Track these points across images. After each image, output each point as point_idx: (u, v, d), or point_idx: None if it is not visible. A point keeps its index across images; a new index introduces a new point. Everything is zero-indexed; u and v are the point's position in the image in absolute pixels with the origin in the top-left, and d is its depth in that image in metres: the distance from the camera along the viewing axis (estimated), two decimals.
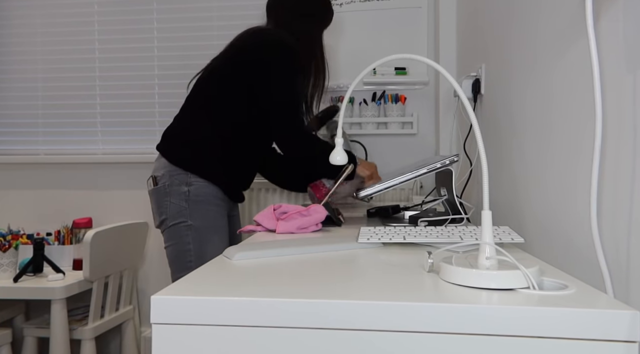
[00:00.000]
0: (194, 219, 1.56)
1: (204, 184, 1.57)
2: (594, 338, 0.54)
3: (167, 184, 1.57)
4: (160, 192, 1.58)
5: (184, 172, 1.57)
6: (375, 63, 0.84)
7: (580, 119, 0.83)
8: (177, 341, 0.60)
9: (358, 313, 0.57)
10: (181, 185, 1.56)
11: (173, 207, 1.56)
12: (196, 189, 1.56)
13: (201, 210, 1.57)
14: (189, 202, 1.56)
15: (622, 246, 0.69)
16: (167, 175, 1.57)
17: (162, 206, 1.58)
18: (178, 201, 1.56)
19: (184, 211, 1.56)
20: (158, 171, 1.60)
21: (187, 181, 1.56)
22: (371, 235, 0.94)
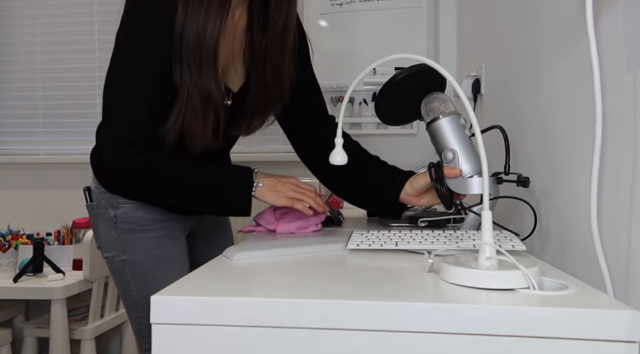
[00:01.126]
0: (127, 253, 1.18)
1: (132, 207, 1.17)
2: (594, 338, 0.54)
3: (95, 205, 1.22)
4: (91, 211, 1.24)
5: (108, 193, 1.19)
6: (375, 63, 0.84)
7: (580, 119, 0.83)
8: (177, 341, 0.60)
9: (358, 313, 0.57)
10: (107, 208, 1.18)
11: (103, 236, 1.21)
12: (124, 214, 1.17)
13: (133, 241, 1.18)
14: (117, 231, 1.18)
15: (622, 246, 0.69)
16: (95, 192, 1.22)
17: (95, 229, 1.24)
18: (106, 229, 1.20)
19: (113, 242, 1.19)
20: (92, 183, 1.25)
21: (112, 203, 1.18)
22: (362, 240, 0.91)
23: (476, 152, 1.02)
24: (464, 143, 1.03)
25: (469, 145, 1.03)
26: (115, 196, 1.18)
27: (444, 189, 1.01)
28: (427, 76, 1.08)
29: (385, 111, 1.18)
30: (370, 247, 0.87)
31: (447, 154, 1.02)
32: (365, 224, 1.36)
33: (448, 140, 1.04)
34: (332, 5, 2.35)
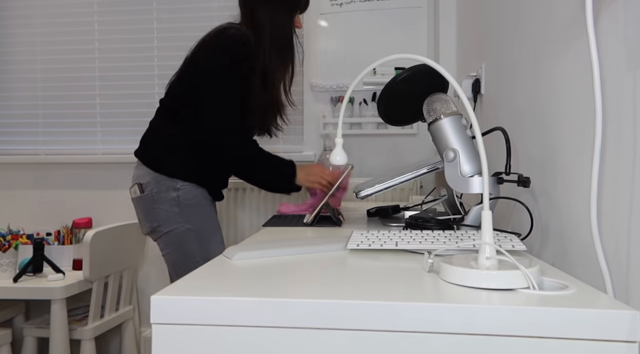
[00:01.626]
0: (191, 222, 1.57)
1: (191, 188, 1.58)
2: (594, 338, 0.54)
3: (154, 192, 1.56)
4: (147, 199, 1.57)
5: (169, 179, 1.56)
6: (375, 63, 0.84)
7: (580, 119, 0.83)
8: (177, 341, 0.60)
9: (358, 313, 0.57)
10: (169, 191, 1.56)
11: (164, 214, 1.56)
12: (185, 194, 1.57)
13: (196, 212, 1.58)
14: (180, 207, 1.56)
15: (622, 246, 0.69)
16: (154, 182, 1.57)
17: (151, 213, 1.57)
18: (168, 207, 1.56)
19: (177, 216, 1.56)
20: (142, 179, 1.59)
21: (174, 186, 1.56)
22: (362, 240, 0.91)
23: (477, 152, 1.02)
24: (465, 143, 1.03)
25: (470, 145, 1.03)
26: (175, 179, 1.56)
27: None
28: (429, 76, 1.09)
29: (386, 111, 1.18)
30: (370, 247, 0.87)
31: (448, 154, 1.02)
32: (365, 224, 1.36)
33: (449, 140, 1.04)
34: (332, 5, 2.35)
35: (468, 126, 1.07)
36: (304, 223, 1.32)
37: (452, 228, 1.03)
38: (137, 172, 1.62)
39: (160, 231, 1.58)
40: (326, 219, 1.35)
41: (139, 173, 1.61)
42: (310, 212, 1.34)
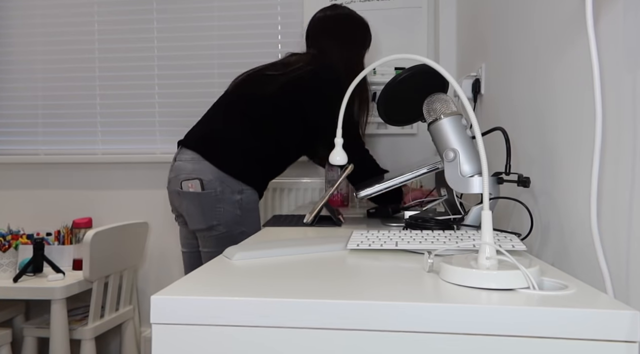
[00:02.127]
0: (246, 226, 1.63)
1: (251, 192, 1.64)
2: (594, 338, 0.54)
3: (218, 191, 1.59)
4: (210, 197, 1.59)
5: (235, 181, 1.60)
6: (375, 63, 0.84)
7: (580, 119, 0.83)
8: (177, 341, 0.60)
9: (358, 313, 0.57)
10: (234, 193, 1.60)
11: (227, 215, 1.60)
12: (247, 197, 1.63)
13: (252, 217, 1.65)
14: (242, 210, 1.62)
15: (622, 246, 0.69)
16: (218, 181, 1.58)
17: (212, 211, 1.59)
18: (232, 209, 1.60)
19: (238, 219, 1.61)
20: (204, 175, 1.59)
21: (239, 189, 1.61)
22: (362, 240, 0.91)
23: (477, 152, 1.02)
24: (465, 143, 1.03)
25: (470, 145, 1.03)
26: (240, 182, 1.61)
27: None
28: (429, 76, 1.09)
29: (386, 111, 1.18)
30: (370, 247, 0.87)
31: (448, 154, 1.02)
32: (365, 224, 1.36)
33: (449, 140, 1.04)
34: None
35: (468, 126, 1.07)
36: (304, 223, 1.32)
37: (452, 228, 1.03)
38: (194, 166, 1.60)
39: (218, 230, 1.61)
40: (326, 219, 1.35)
41: (200, 168, 1.60)
42: (310, 213, 1.34)
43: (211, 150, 1.61)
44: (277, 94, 1.64)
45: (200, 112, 1.79)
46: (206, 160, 1.59)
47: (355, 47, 1.81)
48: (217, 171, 1.59)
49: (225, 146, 1.62)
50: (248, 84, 1.70)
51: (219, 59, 2.45)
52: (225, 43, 2.45)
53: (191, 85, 2.47)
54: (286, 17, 2.41)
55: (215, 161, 1.59)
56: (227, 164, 1.60)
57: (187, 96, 2.47)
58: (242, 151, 1.62)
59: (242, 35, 2.43)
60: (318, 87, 1.64)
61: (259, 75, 1.70)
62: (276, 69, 1.70)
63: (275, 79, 1.66)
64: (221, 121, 1.67)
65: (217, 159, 1.60)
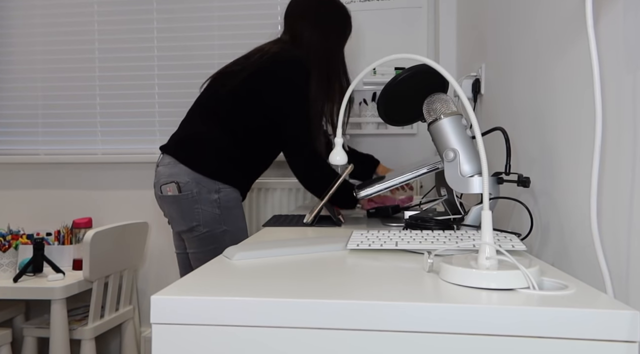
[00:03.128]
0: (228, 224, 1.64)
1: (230, 191, 1.65)
2: (594, 338, 0.54)
3: (195, 192, 1.60)
4: (188, 199, 1.61)
5: (211, 181, 1.61)
6: (375, 63, 0.84)
7: (580, 119, 0.83)
8: (177, 341, 0.60)
9: (358, 313, 0.57)
10: (211, 193, 1.61)
11: (206, 215, 1.61)
12: (225, 196, 1.63)
13: (233, 215, 1.65)
14: (221, 209, 1.62)
15: (622, 246, 0.69)
16: (194, 182, 1.60)
17: (191, 212, 1.61)
18: (210, 209, 1.61)
19: (217, 218, 1.62)
20: (180, 177, 1.61)
21: (216, 188, 1.62)
22: (362, 240, 0.91)
23: (477, 152, 1.02)
24: (465, 143, 1.03)
25: (470, 145, 1.03)
26: (216, 182, 1.61)
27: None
28: (429, 76, 1.09)
29: (386, 111, 1.18)
30: (370, 247, 0.87)
31: (448, 154, 1.02)
32: (365, 224, 1.36)
33: (449, 140, 1.04)
34: None
35: (468, 126, 1.07)
36: (304, 223, 1.32)
37: (452, 228, 1.03)
38: (171, 171, 1.63)
39: (199, 231, 1.63)
40: (326, 219, 1.35)
41: (175, 171, 1.62)
42: (310, 213, 1.34)
43: (185, 153, 1.64)
44: (237, 87, 1.65)
45: None
46: (181, 163, 1.62)
47: (333, 34, 1.76)
48: (192, 172, 1.61)
49: (197, 147, 1.65)
50: (215, 83, 1.73)
51: (219, 59, 2.45)
52: (225, 43, 2.45)
53: (191, 86, 2.47)
54: None
55: (189, 163, 1.62)
56: (201, 165, 1.62)
57: (187, 96, 2.47)
58: (215, 150, 1.64)
59: (242, 35, 2.43)
60: (274, 70, 1.62)
61: (224, 72, 1.72)
62: (238, 63, 1.71)
63: (235, 74, 1.68)
64: (192, 122, 1.71)
65: (190, 161, 1.62)
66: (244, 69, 1.67)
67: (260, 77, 1.64)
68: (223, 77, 1.72)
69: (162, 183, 1.64)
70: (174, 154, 1.65)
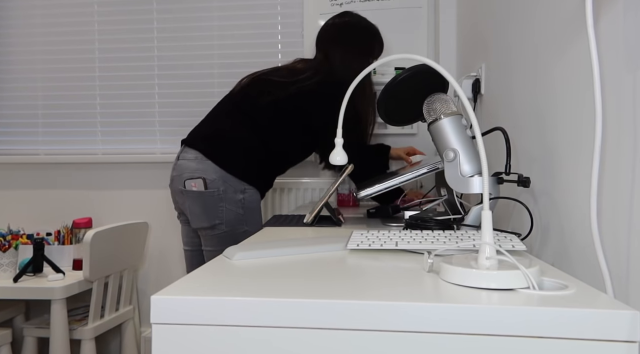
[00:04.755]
0: (249, 225, 1.67)
1: (254, 192, 1.69)
2: (594, 338, 0.54)
3: (221, 190, 1.62)
4: (213, 196, 1.62)
5: (238, 181, 1.64)
6: (375, 63, 0.84)
7: (580, 119, 0.83)
8: (177, 341, 0.60)
9: (358, 313, 0.57)
10: (237, 193, 1.64)
11: (229, 214, 1.64)
12: (250, 197, 1.67)
13: (254, 216, 1.70)
14: (245, 209, 1.66)
15: (622, 246, 0.69)
16: (220, 180, 1.62)
17: (215, 210, 1.63)
18: (235, 208, 1.64)
19: (240, 218, 1.65)
20: (207, 174, 1.62)
21: (242, 188, 1.65)
22: (362, 240, 0.91)
23: (477, 152, 1.02)
24: (465, 143, 1.03)
25: (470, 145, 1.03)
26: (243, 182, 1.65)
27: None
28: (429, 77, 1.09)
29: (386, 111, 1.18)
30: (370, 247, 0.87)
31: (448, 154, 1.02)
32: (365, 224, 1.36)
33: (449, 140, 1.04)
34: (332, 6, 2.35)
35: (468, 126, 1.07)
36: (304, 223, 1.32)
37: (452, 228, 1.03)
38: (197, 166, 1.63)
39: (220, 229, 1.65)
40: (326, 219, 1.35)
41: (203, 168, 1.63)
42: (310, 213, 1.34)
43: (214, 150, 1.64)
44: (284, 100, 1.68)
45: (200, 112, 1.79)
46: (209, 159, 1.62)
47: (360, 54, 1.82)
48: (220, 170, 1.62)
49: (228, 146, 1.66)
50: (254, 87, 1.74)
51: (219, 60, 2.45)
52: (225, 43, 2.45)
53: (191, 86, 2.47)
54: (286, 18, 2.41)
55: (218, 161, 1.62)
56: (230, 163, 1.63)
57: (187, 96, 2.47)
58: (245, 151, 1.65)
59: (242, 35, 2.43)
60: (322, 92, 1.67)
61: (266, 80, 1.74)
62: (282, 75, 1.73)
63: (283, 87, 1.70)
64: (225, 121, 1.70)
65: (220, 158, 1.63)
66: (292, 84, 1.70)
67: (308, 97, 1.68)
68: (264, 84, 1.73)
69: (187, 177, 1.63)
70: (201, 149, 1.65)
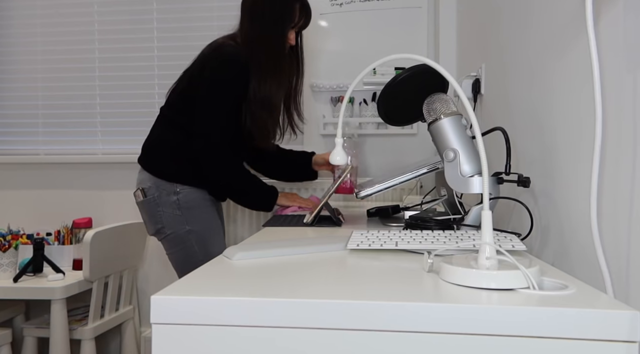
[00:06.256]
0: (191, 224, 1.67)
1: (190, 190, 1.68)
2: (594, 338, 0.54)
3: (156, 196, 1.67)
4: (151, 203, 1.68)
5: (168, 183, 1.67)
6: (375, 63, 0.84)
7: (581, 119, 0.83)
8: (177, 341, 0.60)
9: (358, 313, 0.57)
10: (170, 195, 1.66)
11: (167, 216, 1.67)
12: (185, 196, 1.67)
13: (196, 214, 1.68)
14: (181, 210, 1.66)
15: (622, 246, 0.69)
16: (154, 187, 1.67)
17: (155, 215, 1.68)
18: (171, 210, 1.67)
19: (179, 218, 1.67)
20: (144, 183, 1.69)
21: (174, 190, 1.66)
22: (362, 240, 0.91)
23: (477, 152, 1.02)
24: (465, 143, 1.03)
25: (470, 145, 1.03)
26: (174, 184, 1.66)
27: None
28: (429, 76, 1.09)
29: (386, 111, 1.18)
30: (370, 247, 0.87)
31: (448, 154, 1.02)
32: (365, 224, 1.36)
33: (449, 140, 1.04)
34: (332, 5, 2.35)
35: (468, 126, 1.07)
36: (304, 223, 1.32)
37: (452, 228, 1.03)
38: (139, 177, 1.73)
39: (164, 233, 1.68)
40: (326, 219, 1.35)
41: (141, 178, 1.71)
42: (311, 212, 1.34)
43: (146, 159, 1.73)
44: (183, 86, 1.71)
45: None
46: (145, 170, 1.71)
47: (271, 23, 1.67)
48: (153, 177, 1.68)
49: (155, 152, 1.72)
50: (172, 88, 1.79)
51: None
52: None
53: None
54: None
55: (149, 168, 1.70)
56: (158, 168, 1.69)
57: None
58: (170, 153, 1.69)
59: None
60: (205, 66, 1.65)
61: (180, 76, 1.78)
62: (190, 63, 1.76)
63: (185, 73, 1.74)
64: (153, 129, 1.78)
65: (150, 166, 1.70)
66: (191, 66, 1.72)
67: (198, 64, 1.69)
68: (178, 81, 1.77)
69: (134, 190, 1.73)
70: (140, 162, 1.74)
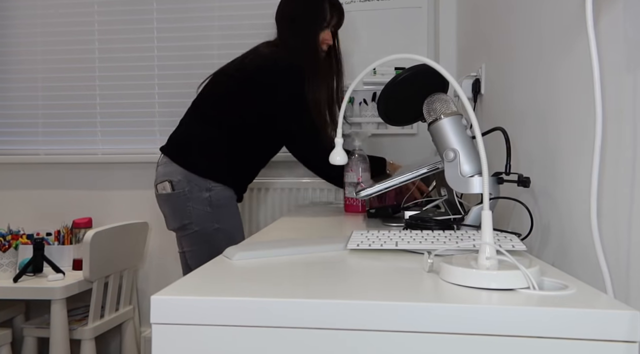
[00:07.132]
0: (221, 223, 1.68)
1: (222, 189, 1.68)
2: (594, 338, 0.54)
3: (186, 190, 1.65)
4: (180, 197, 1.65)
5: (202, 179, 1.65)
6: (375, 63, 0.84)
7: (581, 119, 0.83)
8: (177, 341, 0.60)
9: (358, 313, 0.57)
10: (202, 191, 1.65)
11: (197, 213, 1.66)
12: (217, 194, 1.67)
13: (225, 213, 1.69)
14: (212, 207, 1.66)
15: (622, 246, 0.69)
16: (185, 181, 1.65)
17: (183, 210, 1.66)
18: (202, 206, 1.65)
19: (209, 216, 1.66)
20: (173, 176, 1.66)
21: (206, 186, 1.66)
22: (362, 240, 0.91)
23: (477, 152, 1.02)
24: (465, 143, 1.03)
25: (470, 145, 1.03)
26: (207, 180, 1.65)
27: None
28: (429, 76, 1.09)
29: (386, 111, 1.18)
30: (370, 247, 0.87)
31: (448, 154, 1.02)
32: (365, 224, 1.36)
33: (449, 140, 1.04)
34: None
35: (468, 126, 1.07)
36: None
37: (452, 228, 1.03)
38: (166, 169, 1.69)
39: (191, 229, 1.67)
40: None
41: (169, 170, 1.68)
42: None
43: (178, 152, 1.70)
44: (230, 87, 1.71)
45: None
46: (174, 162, 1.68)
47: (309, 24, 1.76)
48: (184, 171, 1.66)
49: (189, 146, 1.71)
50: (209, 85, 1.78)
51: (218, 60, 2.44)
52: (225, 43, 2.45)
53: (191, 86, 2.46)
54: None
55: (181, 162, 1.67)
56: (193, 163, 1.67)
57: (187, 96, 2.46)
58: (207, 149, 1.68)
59: (242, 35, 2.43)
60: (261, 81, 1.68)
61: (219, 75, 1.78)
62: (233, 64, 1.77)
63: (229, 76, 1.73)
64: (187, 123, 1.76)
65: (183, 160, 1.68)
66: (237, 70, 1.72)
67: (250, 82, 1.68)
68: (217, 78, 1.76)
69: (158, 182, 1.69)
70: (168, 154, 1.70)
